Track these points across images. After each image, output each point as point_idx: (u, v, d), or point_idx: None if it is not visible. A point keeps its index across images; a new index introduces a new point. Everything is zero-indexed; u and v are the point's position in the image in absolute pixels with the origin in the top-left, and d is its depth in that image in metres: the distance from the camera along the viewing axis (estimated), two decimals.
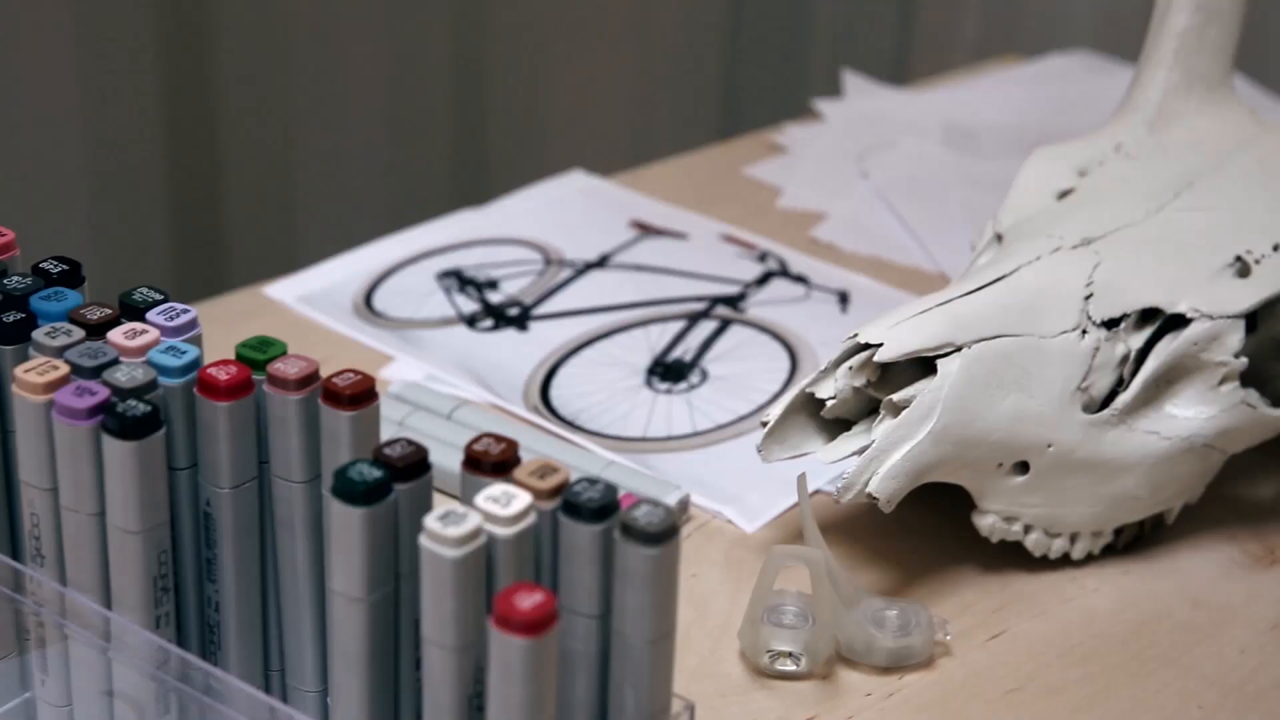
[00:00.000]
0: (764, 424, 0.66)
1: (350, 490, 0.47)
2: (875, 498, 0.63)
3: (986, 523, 0.66)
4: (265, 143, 1.29)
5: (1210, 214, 0.69)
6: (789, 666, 0.62)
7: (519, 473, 0.47)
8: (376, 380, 0.76)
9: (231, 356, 0.52)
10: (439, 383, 0.77)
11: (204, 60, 1.23)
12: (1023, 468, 0.66)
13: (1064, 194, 0.72)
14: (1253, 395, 0.67)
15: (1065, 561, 0.68)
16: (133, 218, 1.25)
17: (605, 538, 0.46)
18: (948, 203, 0.96)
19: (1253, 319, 0.73)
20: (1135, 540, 0.69)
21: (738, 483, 0.71)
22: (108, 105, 1.20)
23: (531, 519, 0.47)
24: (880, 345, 0.64)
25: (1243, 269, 0.68)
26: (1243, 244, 0.68)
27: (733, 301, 0.85)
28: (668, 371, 0.79)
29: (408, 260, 0.88)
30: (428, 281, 0.86)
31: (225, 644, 0.54)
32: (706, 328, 0.83)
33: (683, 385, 0.78)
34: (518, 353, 0.80)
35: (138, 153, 1.22)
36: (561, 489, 0.47)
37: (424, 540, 0.45)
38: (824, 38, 1.54)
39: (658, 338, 0.82)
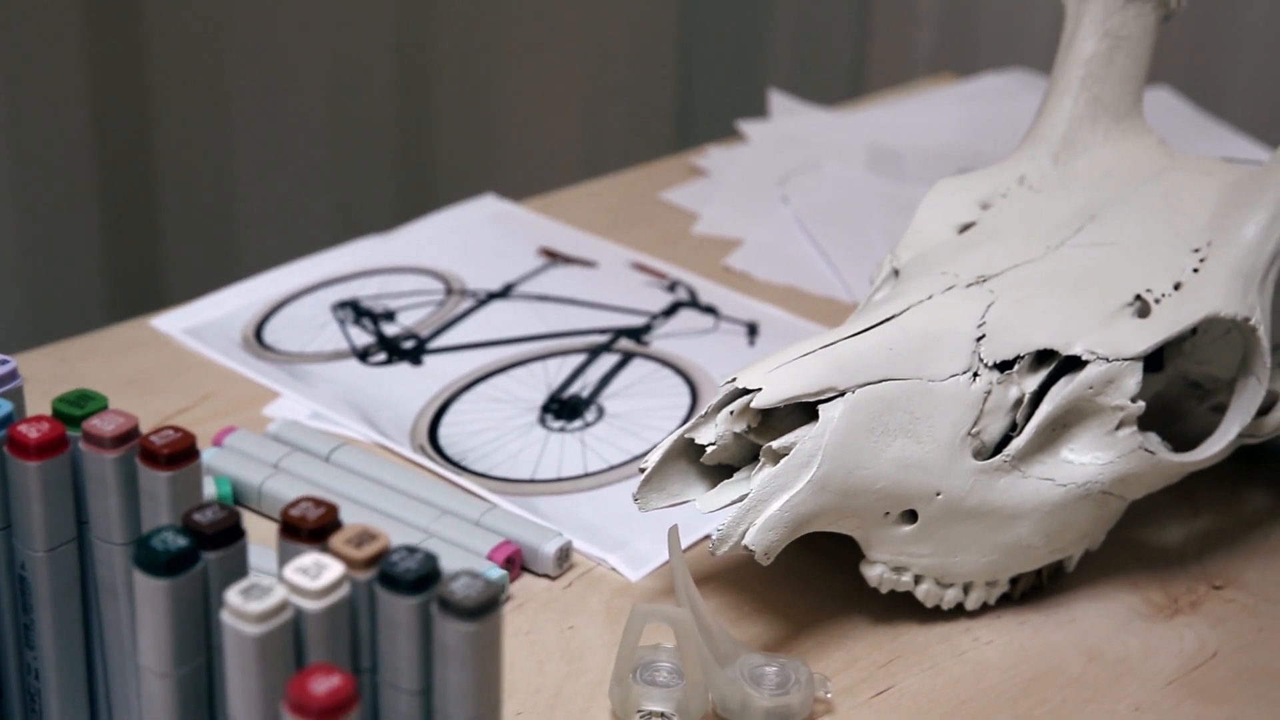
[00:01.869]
0: (642, 471, 0.63)
1: (153, 560, 0.44)
2: (752, 550, 0.60)
3: (875, 573, 0.64)
4: (202, 158, 1.27)
5: (1112, 250, 0.67)
6: None
7: (335, 540, 0.45)
8: (260, 418, 0.74)
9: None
10: (324, 421, 0.74)
11: (137, 73, 1.21)
12: (911, 516, 0.63)
13: (965, 227, 0.70)
14: (1152, 440, 0.65)
15: (960, 612, 0.65)
16: (64, 234, 1.22)
17: (423, 611, 0.44)
18: (868, 229, 0.94)
19: (1159, 358, 0.71)
20: (1033, 589, 0.67)
21: (625, 528, 0.69)
22: (34, 119, 1.17)
23: (344, 592, 0.44)
24: (759, 390, 0.61)
25: (1142, 309, 0.65)
26: (1143, 282, 0.65)
27: (638, 333, 0.83)
28: (563, 408, 0.77)
29: (303, 290, 0.85)
30: (322, 313, 0.83)
31: (47, 713, 0.51)
32: (608, 361, 0.80)
33: (577, 423, 0.76)
34: (409, 388, 0.78)
35: (68, 168, 1.20)
36: (379, 558, 0.44)
37: (225, 616, 0.43)
38: (779, 54, 1.52)
39: (556, 372, 0.79)
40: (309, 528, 0.45)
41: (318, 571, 0.44)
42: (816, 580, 0.67)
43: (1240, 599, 0.67)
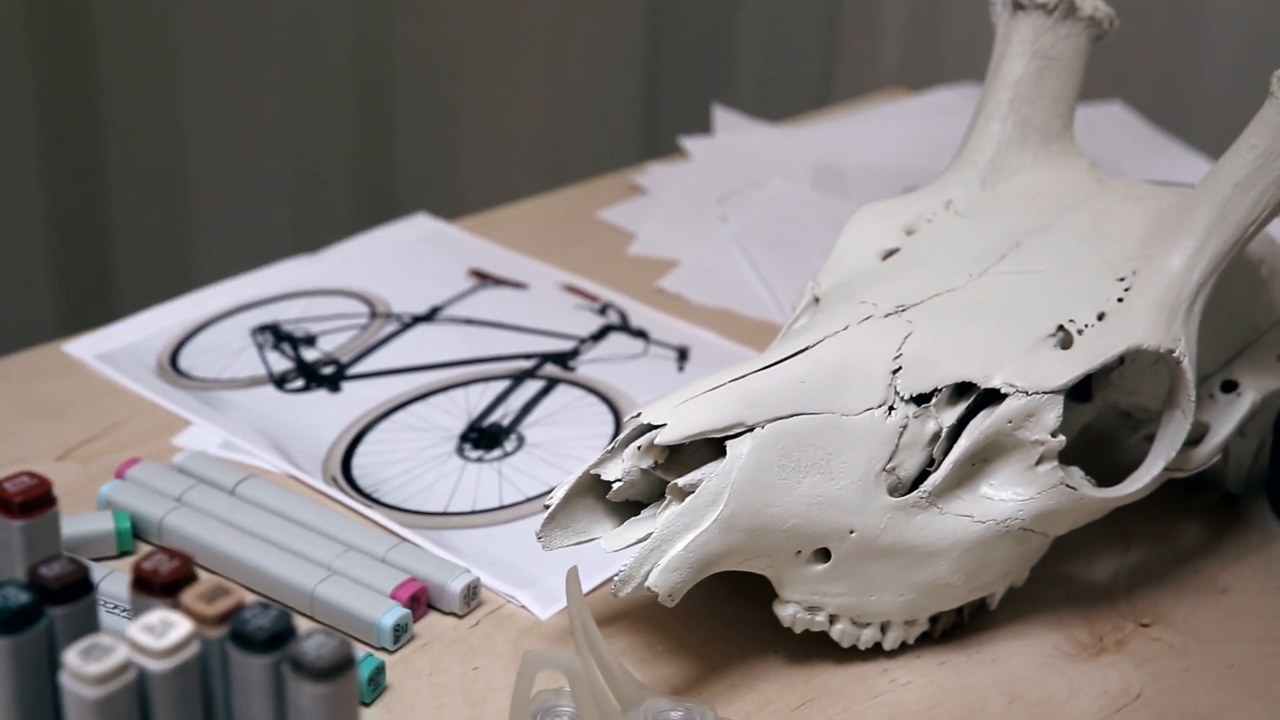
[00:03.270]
0: (546, 508, 0.61)
1: None
2: (655, 592, 0.58)
3: (788, 613, 0.62)
4: (155, 170, 1.25)
5: (1035, 278, 0.65)
6: None
7: (187, 596, 0.43)
8: (169, 447, 0.72)
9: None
10: (235, 451, 0.72)
11: (87, 82, 1.19)
12: (824, 555, 0.61)
13: (889, 254, 0.68)
14: (1074, 475, 0.63)
15: (878, 652, 0.63)
16: (10, 249, 1.20)
17: (276, 670, 0.42)
18: (809, 249, 0.92)
19: (1088, 388, 0.69)
20: (954, 628, 0.65)
21: (536, 563, 0.67)
22: None
23: (192, 650, 0.42)
24: (664, 426, 0.59)
25: (1065, 339, 0.63)
26: (1066, 312, 0.63)
27: (564, 358, 0.81)
28: (482, 437, 0.75)
29: (223, 314, 0.83)
30: (241, 337, 0.81)
31: None
32: (532, 388, 0.78)
33: (496, 453, 0.74)
34: (325, 416, 0.76)
35: (13, 176, 1.18)
36: (231, 615, 0.42)
37: (63, 678, 0.41)
38: (746, 67, 1.50)
39: (478, 399, 0.77)
40: (161, 582, 0.43)
41: (164, 630, 0.42)
42: (731, 619, 0.65)
43: (1167, 637, 0.65)
